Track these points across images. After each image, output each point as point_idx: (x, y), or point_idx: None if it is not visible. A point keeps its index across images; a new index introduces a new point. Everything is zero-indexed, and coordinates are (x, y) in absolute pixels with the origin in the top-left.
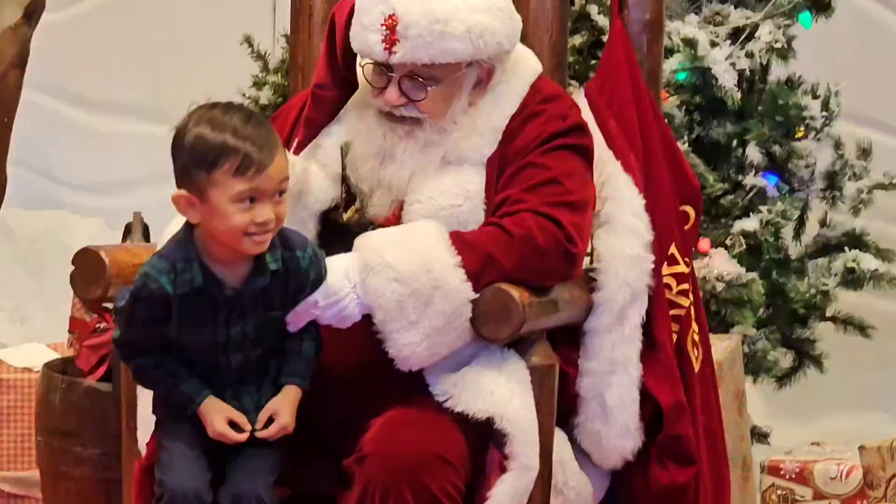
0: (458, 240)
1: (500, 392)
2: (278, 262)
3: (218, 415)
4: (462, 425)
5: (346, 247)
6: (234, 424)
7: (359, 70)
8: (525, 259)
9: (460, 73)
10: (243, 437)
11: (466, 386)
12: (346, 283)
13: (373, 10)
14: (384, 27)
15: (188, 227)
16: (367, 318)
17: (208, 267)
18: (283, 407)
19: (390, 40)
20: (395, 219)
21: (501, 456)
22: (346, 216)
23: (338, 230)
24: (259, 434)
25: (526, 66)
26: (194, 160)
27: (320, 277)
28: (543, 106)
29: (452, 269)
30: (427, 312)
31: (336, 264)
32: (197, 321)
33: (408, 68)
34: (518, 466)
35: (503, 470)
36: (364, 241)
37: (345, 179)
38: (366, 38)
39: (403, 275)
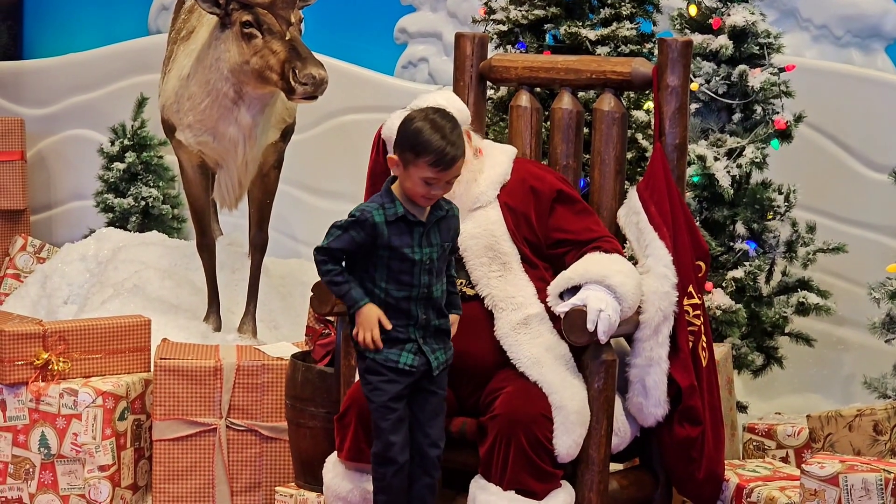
0: None
1: (548, 365)
2: (447, 207)
3: (368, 317)
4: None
5: None
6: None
7: None
8: None
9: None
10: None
11: (527, 360)
12: None
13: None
14: None
15: (390, 183)
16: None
17: (404, 205)
18: (454, 325)
19: None
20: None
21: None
22: None
23: None
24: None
25: (507, 150)
26: (409, 143)
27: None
28: (538, 171)
29: None
30: None
31: None
32: (400, 238)
33: None
34: (556, 410)
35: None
36: None
37: None
38: None
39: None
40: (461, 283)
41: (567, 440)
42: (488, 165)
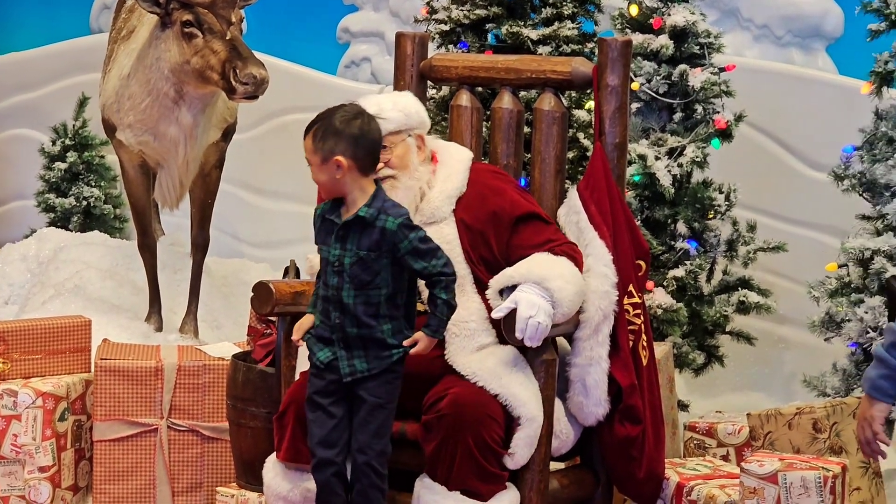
0: None
1: (508, 377)
2: (369, 213)
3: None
4: (496, 397)
5: None
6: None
7: None
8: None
9: (403, 137)
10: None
11: (485, 373)
12: None
13: None
14: None
15: None
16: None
17: (341, 206)
18: (421, 342)
19: None
20: None
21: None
22: None
23: None
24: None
25: (462, 156)
26: None
27: (416, 250)
28: (495, 182)
29: None
30: None
31: None
32: (323, 237)
33: None
34: (525, 420)
35: (519, 424)
36: None
37: None
38: None
39: None
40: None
41: (528, 452)
42: (442, 176)
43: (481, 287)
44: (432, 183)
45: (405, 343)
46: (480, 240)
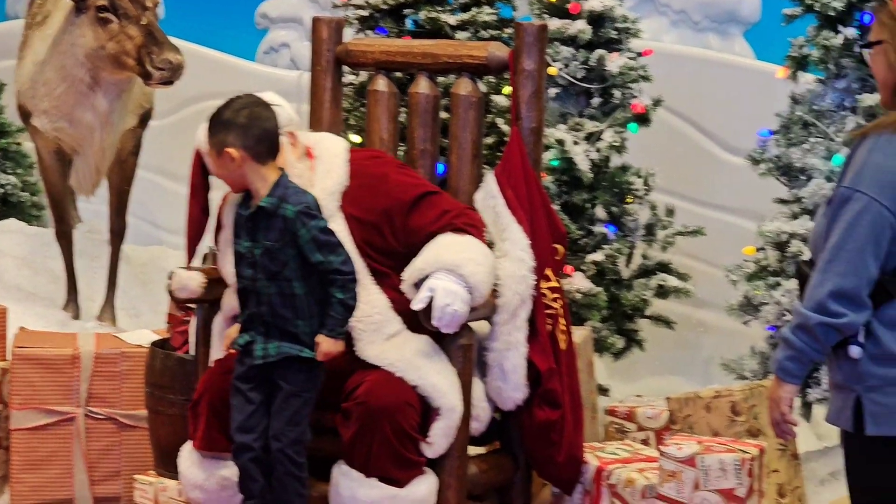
0: None
1: (427, 367)
2: (270, 203)
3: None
4: (415, 388)
5: None
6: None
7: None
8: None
9: None
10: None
11: (403, 364)
12: None
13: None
14: None
15: None
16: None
17: (251, 198)
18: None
19: None
20: None
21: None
22: None
23: None
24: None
25: (338, 147)
26: None
27: (315, 241)
28: (376, 170)
29: None
30: None
31: None
32: (235, 229)
33: None
34: (445, 411)
35: (439, 414)
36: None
37: None
38: None
39: None
40: None
41: (446, 442)
42: (322, 172)
43: (381, 278)
44: (312, 180)
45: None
46: (374, 232)
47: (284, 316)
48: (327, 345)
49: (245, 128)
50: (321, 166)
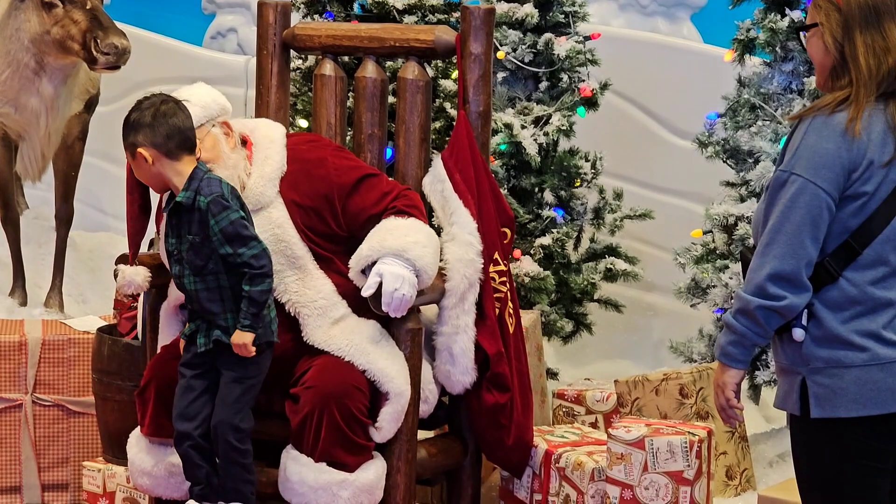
0: None
1: (375, 352)
2: (186, 197)
3: None
4: (364, 373)
5: None
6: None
7: None
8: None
9: (207, 130)
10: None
11: (352, 349)
12: None
13: None
14: None
15: None
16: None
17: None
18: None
19: None
20: None
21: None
22: None
23: None
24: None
25: (275, 133)
26: None
27: (224, 232)
28: (314, 154)
29: None
30: None
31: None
32: (165, 229)
33: None
34: (393, 395)
35: (387, 398)
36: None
37: None
38: None
39: None
40: None
41: (395, 426)
42: (259, 159)
43: (325, 263)
44: (249, 168)
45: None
46: (315, 216)
47: (213, 311)
48: (236, 337)
49: (151, 126)
50: (259, 153)
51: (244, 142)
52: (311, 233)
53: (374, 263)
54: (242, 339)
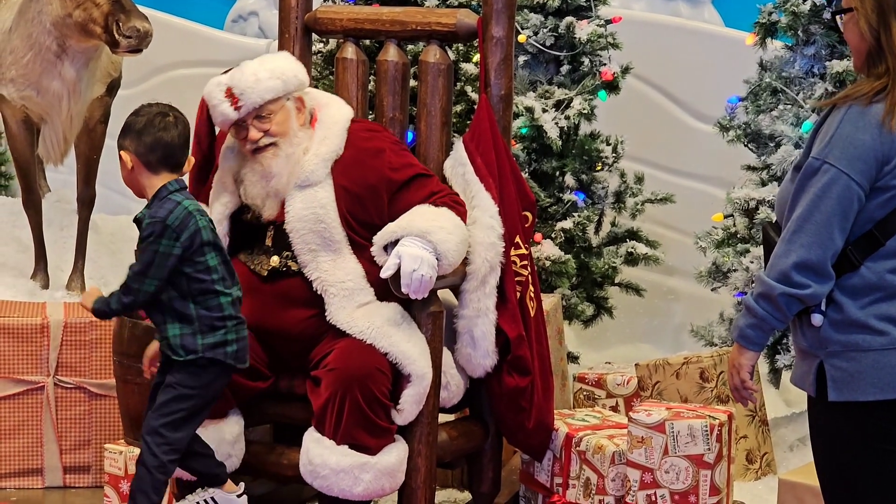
0: None
1: (397, 335)
2: (140, 214)
3: None
4: (386, 356)
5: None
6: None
7: (228, 139)
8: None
9: (282, 104)
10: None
11: (374, 332)
12: None
13: (215, 92)
14: (226, 95)
15: None
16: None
17: None
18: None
19: (234, 101)
20: (281, 218)
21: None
22: (248, 217)
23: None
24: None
25: (341, 115)
26: None
27: (140, 251)
28: (372, 144)
29: None
30: None
31: None
32: None
33: (252, 113)
34: (415, 377)
35: (409, 381)
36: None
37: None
38: (221, 111)
39: None
40: (287, 254)
41: (416, 409)
42: (318, 138)
43: (359, 249)
44: (308, 147)
45: None
46: (359, 204)
47: (155, 321)
48: (84, 297)
49: (139, 134)
50: (320, 132)
51: (311, 119)
52: (353, 219)
53: (396, 243)
54: (85, 301)
